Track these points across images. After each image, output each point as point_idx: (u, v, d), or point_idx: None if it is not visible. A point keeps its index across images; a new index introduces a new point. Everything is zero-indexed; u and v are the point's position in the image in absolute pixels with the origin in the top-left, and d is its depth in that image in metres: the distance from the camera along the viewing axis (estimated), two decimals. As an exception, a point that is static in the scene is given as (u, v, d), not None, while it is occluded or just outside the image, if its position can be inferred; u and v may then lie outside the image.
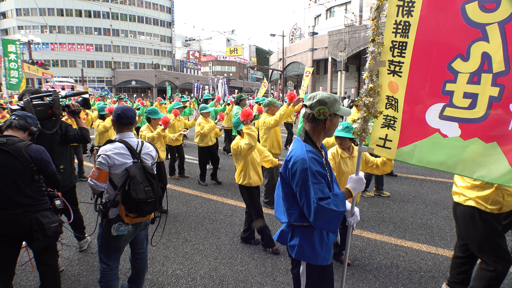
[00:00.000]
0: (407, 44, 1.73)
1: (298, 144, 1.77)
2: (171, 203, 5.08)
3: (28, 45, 27.23)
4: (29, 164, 2.13)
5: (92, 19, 53.90)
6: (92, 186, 2.19)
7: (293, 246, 1.80)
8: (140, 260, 2.56)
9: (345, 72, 27.09)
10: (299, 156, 1.67)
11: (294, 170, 1.68)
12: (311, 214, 1.61)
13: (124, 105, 2.44)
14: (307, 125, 1.81)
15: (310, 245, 1.76)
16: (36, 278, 2.93)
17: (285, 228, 1.89)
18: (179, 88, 54.92)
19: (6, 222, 2.10)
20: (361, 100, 1.93)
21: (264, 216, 3.64)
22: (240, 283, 2.95)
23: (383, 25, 1.81)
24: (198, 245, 3.70)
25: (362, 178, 1.87)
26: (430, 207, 4.88)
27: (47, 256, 2.35)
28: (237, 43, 76.68)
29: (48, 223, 2.19)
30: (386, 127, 1.95)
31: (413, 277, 3.05)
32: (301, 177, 1.63)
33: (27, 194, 2.17)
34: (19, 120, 2.28)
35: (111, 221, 2.23)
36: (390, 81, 1.86)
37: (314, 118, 1.75)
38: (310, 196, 1.61)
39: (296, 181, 1.67)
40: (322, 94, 1.77)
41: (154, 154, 2.47)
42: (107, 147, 2.22)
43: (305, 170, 1.62)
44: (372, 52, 1.83)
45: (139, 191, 2.14)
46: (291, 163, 1.71)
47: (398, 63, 1.79)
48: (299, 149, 1.72)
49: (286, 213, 1.80)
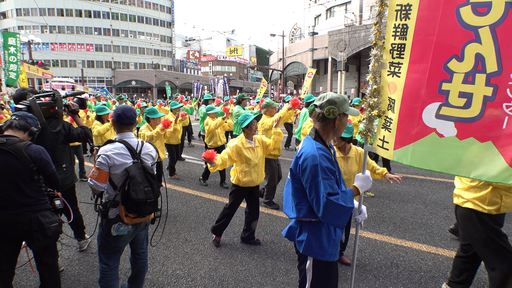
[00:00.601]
0: (405, 45, 1.82)
1: (308, 141, 1.83)
2: (171, 203, 5.08)
3: (28, 45, 27.24)
4: (29, 164, 2.13)
5: (92, 19, 53.92)
6: (92, 186, 2.19)
7: (301, 242, 1.84)
8: (140, 260, 2.56)
9: (345, 72, 27.09)
10: (309, 153, 1.73)
11: (304, 166, 1.73)
12: (320, 209, 1.66)
13: (125, 105, 2.45)
14: (317, 124, 1.87)
15: (318, 241, 1.80)
16: (36, 278, 2.93)
17: (294, 224, 1.93)
18: (179, 88, 54.94)
19: (6, 222, 2.10)
20: (366, 101, 2.03)
21: (262, 216, 3.64)
22: (240, 283, 2.95)
23: (384, 29, 1.90)
24: (198, 245, 3.70)
25: (369, 176, 1.92)
26: (430, 207, 4.88)
27: (47, 256, 2.35)
28: (237, 43, 76.70)
29: (48, 223, 2.19)
30: (384, 129, 2.02)
31: (413, 277, 3.06)
32: (311, 172, 1.69)
33: (27, 194, 2.17)
34: (19, 120, 2.29)
35: (111, 221, 2.23)
36: (390, 82, 1.92)
37: (324, 117, 1.81)
38: (319, 191, 1.66)
39: (306, 177, 1.72)
40: (332, 94, 1.83)
41: (154, 154, 2.47)
42: (107, 147, 2.22)
43: (315, 166, 1.68)
44: (375, 55, 1.94)
45: (139, 192, 2.14)
46: (301, 159, 1.76)
47: (397, 64, 1.87)
48: (309, 146, 1.77)
49: (295, 208, 1.85)
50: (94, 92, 30.49)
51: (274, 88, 44.55)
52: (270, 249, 3.60)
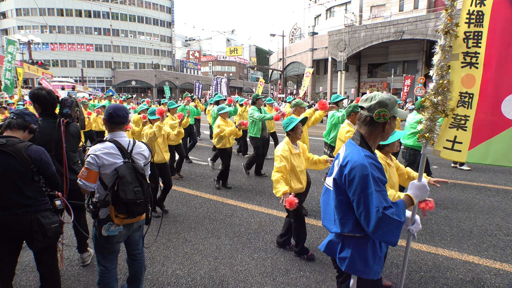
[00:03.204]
0: (482, 33, 1.69)
1: (353, 148, 1.64)
2: (171, 203, 5.08)
3: (28, 45, 27.25)
4: (29, 165, 2.13)
5: (92, 19, 53.93)
6: (81, 186, 2.16)
7: (343, 259, 1.68)
8: (136, 261, 2.53)
9: (345, 72, 27.10)
10: (357, 162, 1.54)
11: (351, 177, 1.54)
12: (371, 224, 1.48)
13: (116, 104, 2.40)
14: (362, 128, 1.68)
15: (362, 258, 1.65)
16: (36, 278, 2.93)
17: (334, 239, 1.75)
18: (179, 88, 54.93)
19: (6, 222, 2.10)
20: (428, 99, 1.81)
21: (262, 216, 3.62)
22: (240, 283, 2.95)
23: (457, 16, 1.74)
24: (198, 245, 3.70)
25: (426, 184, 1.73)
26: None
27: (47, 257, 2.34)
28: (237, 43, 76.70)
29: (48, 224, 2.18)
30: (456, 128, 1.82)
31: (413, 277, 3.06)
32: (360, 184, 1.51)
33: (27, 195, 2.16)
34: (17, 119, 2.25)
35: (101, 221, 2.20)
36: (465, 74, 1.76)
37: (372, 121, 1.62)
38: (370, 204, 1.48)
39: (354, 189, 1.54)
40: (381, 95, 1.63)
41: (147, 154, 2.43)
42: (96, 147, 2.18)
43: (364, 176, 1.50)
44: (443, 46, 1.74)
45: (128, 192, 2.10)
46: (347, 168, 1.57)
47: (474, 53, 1.71)
48: (355, 154, 1.58)
49: (339, 222, 1.67)
50: (97, 93, 30.42)
51: (274, 88, 44.53)
52: (270, 249, 3.60)
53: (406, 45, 25.53)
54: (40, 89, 2.89)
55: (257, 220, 4.39)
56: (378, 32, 23.95)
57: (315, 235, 3.96)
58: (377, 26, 24.11)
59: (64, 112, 2.90)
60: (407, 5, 26.64)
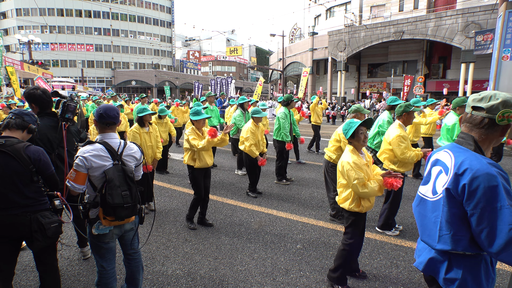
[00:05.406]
0: None
1: (468, 154, 1.44)
2: (171, 203, 5.08)
3: (28, 45, 27.24)
4: (28, 165, 2.12)
5: (92, 19, 53.94)
6: (70, 187, 2.14)
7: (451, 280, 1.51)
8: (132, 260, 2.51)
9: (345, 72, 27.10)
10: (480, 170, 1.35)
11: (473, 188, 1.35)
12: (496, 243, 1.31)
13: (108, 104, 2.37)
14: (476, 131, 1.48)
15: (476, 280, 1.48)
16: (36, 278, 2.93)
17: (438, 256, 1.56)
18: (179, 88, 54.95)
19: (6, 222, 2.10)
20: None
21: (262, 216, 3.60)
22: (240, 283, 2.95)
23: None
24: (198, 245, 3.70)
25: None
26: (430, 207, 4.87)
27: (47, 257, 2.34)
28: (237, 43, 76.72)
29: (48, 224, 2.18)
30: None
31: (413, 277, 3.05)
32: (486, 196, 1.33)
33: (26, 195, 2.16)
34: (16, 119, 2.24)
35: (91, 221, 2.20)
36: None
37: (492, 123, 1.43)
38: (499, 221, 1.31)
39: (476, 201, 1.36)
40: (503, 94, 1.43)
41: (138, 156, 2.38)
42: (85, 149, 2.15)
43: (492, 188, 1.32)
44: None
45: (115, 196, 2.07)
46: (467, 178, 1.37)
47: None
48: (475, 161, 1.39)
49: (450, 239, 1.47)
50: (97, 93, 30.40)
51: (274, 88, 44.54)
52: (270, 249, 3.59)
53: (406, 45, 25.54)
54: (35, 89, 2.88)
55: (257, 220, 4.39)
56: (378, 32, 23.95)
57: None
58: (377, 26, 24.11)
59: (67, 116, 2.89)
60: (407, 5, 26.65)
